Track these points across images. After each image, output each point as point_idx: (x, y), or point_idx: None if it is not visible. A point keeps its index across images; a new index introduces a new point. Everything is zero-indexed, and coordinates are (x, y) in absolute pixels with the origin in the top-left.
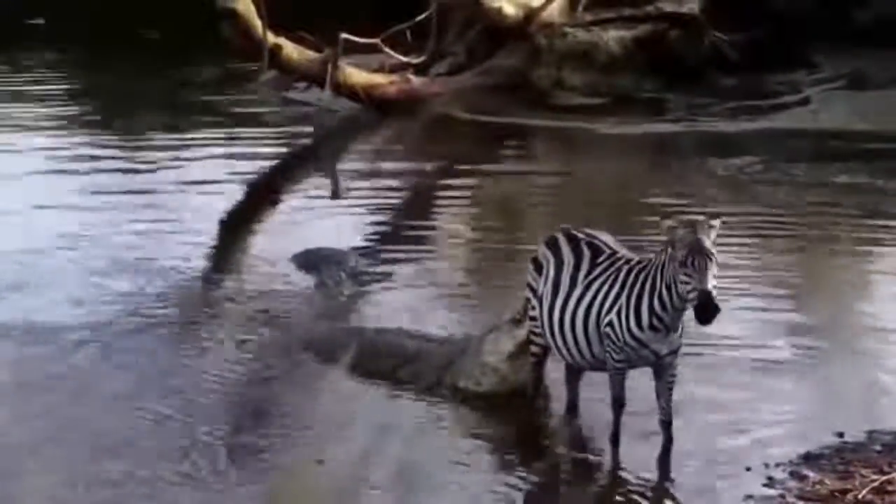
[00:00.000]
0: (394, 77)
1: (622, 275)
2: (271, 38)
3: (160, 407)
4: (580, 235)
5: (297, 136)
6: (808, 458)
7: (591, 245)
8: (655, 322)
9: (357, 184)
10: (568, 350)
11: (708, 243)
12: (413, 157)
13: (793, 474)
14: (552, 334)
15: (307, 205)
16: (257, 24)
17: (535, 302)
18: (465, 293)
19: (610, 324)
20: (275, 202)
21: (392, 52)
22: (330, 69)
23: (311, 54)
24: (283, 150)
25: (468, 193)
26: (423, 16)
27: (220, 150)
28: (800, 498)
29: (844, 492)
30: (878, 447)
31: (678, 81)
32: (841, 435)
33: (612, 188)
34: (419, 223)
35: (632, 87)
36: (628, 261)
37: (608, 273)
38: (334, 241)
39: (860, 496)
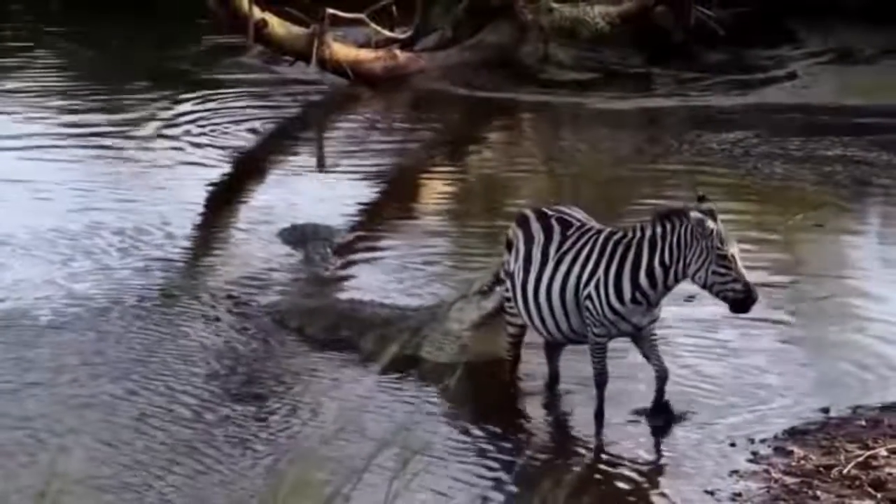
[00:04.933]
0: (380, 52)
1: (597, 246)
2: (257, 12)
3: (137, 384)
4: (549, 212)
5: (284, 109)
6: (793, 434)
7: (560, 220)
8: (639, 296)
9: (344, 158)
10: (544, 325)
11: None
12: (401, 132)
13: (778, 450)
14: (527, 311)
15: (294, 179)
16: None
17: (508, 281)
18: (450, 267)
19: (588, 297)
20: None
21: (378, 28)
22: (316, 44)
23: (296, 29)
24: (270, 123)
25: (456, 168)
26: None
27: (207, 123)
28: (785, 473)
29: (829, 467)
30: (862, 422)
31: (664, 56)
32: (826, 410)
33: (606, 163)
34: (406, 198)
35: (618, 62)
36: (599, 231)
37: (580, 245)
38: (321, 217)
39: (845, 471)
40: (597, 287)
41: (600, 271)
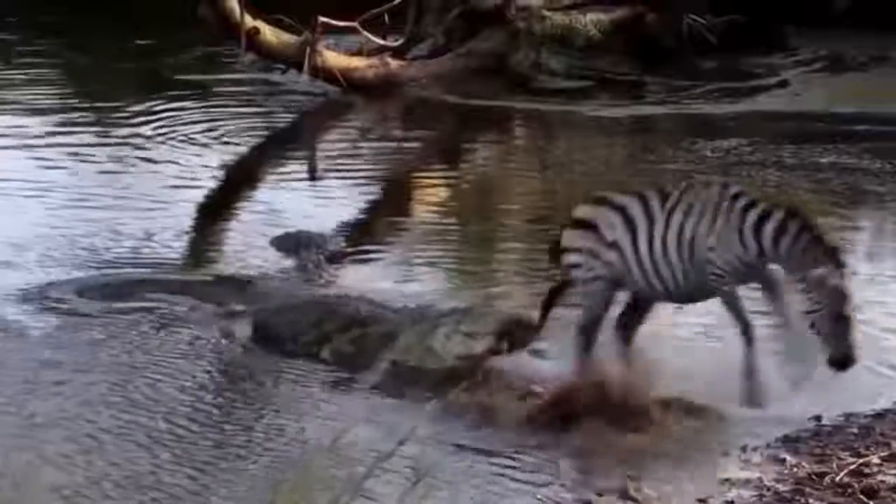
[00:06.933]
0: (372, 60)
1: (713, 199)
2: (249, 20)
3: (131, 394)
4: (634, 189)
5: (276, 117)
6: (786, 442)
7: (651, 186)
8: (762, 256)
9: (336, 166)
10: (663, 284)
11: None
12: (393, 140)
13: (770, 457)
14: (643, 274)
15: (287, 187)
16: (234, 5)
17: (605, 254)
18: (441, 277)
19: (711, 248)
20: None
21: (370, 35)
22: (308, 52)
23: (288, 37)
24: (263, 131)
25: (449, 175)
26: None
27: (198, 130)
28: (777, 481)
29: (821, 475)
30: (854, 430)
31: (656, 64)
32: (818, 418)
33: (600, 170)
34: (399, 206)
35: (610, 69)
36: (707, 184)
37: (692, 199)
38: (314, 224)
39: (837, 479)
40: (718, 239)
41: (721, 221)
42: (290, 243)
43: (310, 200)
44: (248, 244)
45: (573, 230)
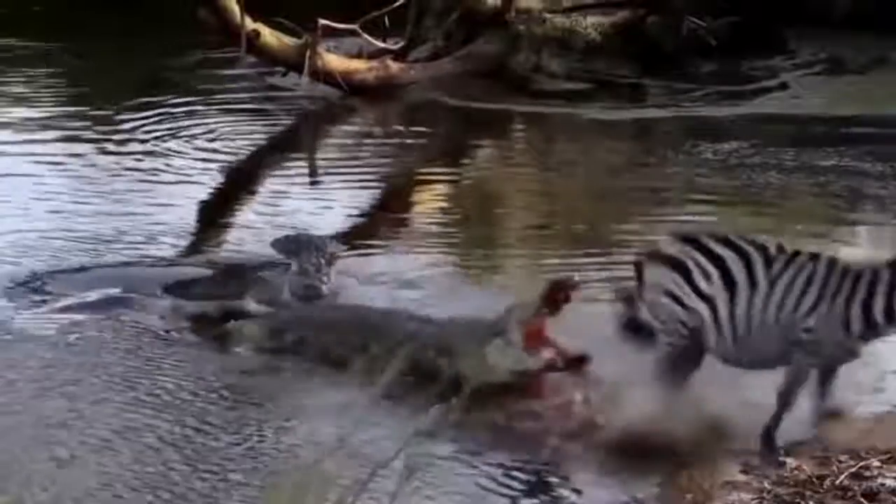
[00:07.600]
0: (372, 63)
1: (819, 276)
2: (249, 23)
3: (140, 396)
4: (729, 236)
5: (276, 119)
6: (786, 444)
7: (751, 242)
8: (869, 333)
9: (337, 169)
10: (742, 351)
11: None
12: (394, 142)
13: (770, 460)
14: (729, 337)
15: (287, 190)
16: (235, 8)
17: (695, 302)
18: (441, 280)
19: (809, 330)
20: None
21: (371, 38)
22: (308, 55)
23: (289, 40)
24: (263, 133)
25: (450, 178)
26: (401, 1)
27: (199, 134)
28: (778, 484)
29: (822, 477)
30: (855, 433)
31: (656, 67)
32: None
33: (601, 173)
34: (399, 208)
35: (610, 72)
36: (815, 256)
37: (797, 271)
38: (314, 227)
39: (837, 482)
40: (818, 320)
41: (824, 305)
42: (291, 246)
43: (310, 202)
44: (247, 246)
45: (660, 267)
